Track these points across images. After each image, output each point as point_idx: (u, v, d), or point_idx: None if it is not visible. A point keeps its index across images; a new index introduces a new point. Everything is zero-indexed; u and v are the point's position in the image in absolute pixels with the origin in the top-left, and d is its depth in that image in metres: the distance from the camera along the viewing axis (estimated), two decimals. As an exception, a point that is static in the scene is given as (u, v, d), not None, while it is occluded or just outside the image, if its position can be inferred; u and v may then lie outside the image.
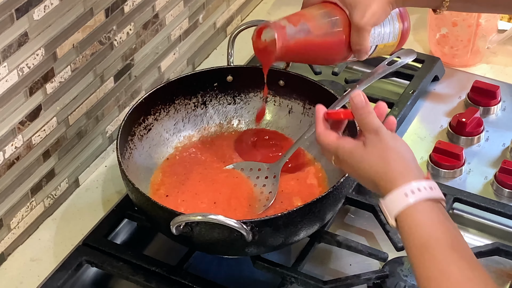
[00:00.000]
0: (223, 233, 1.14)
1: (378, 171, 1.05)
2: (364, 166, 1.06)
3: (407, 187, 1.01)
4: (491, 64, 1.66)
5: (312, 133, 1.31)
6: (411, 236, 0.99)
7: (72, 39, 1.29)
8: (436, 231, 0.98)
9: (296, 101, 1.41)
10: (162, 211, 1.16)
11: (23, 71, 1.21)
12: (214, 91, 1.42)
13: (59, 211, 1.38)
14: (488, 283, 0.94)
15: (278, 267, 1.24)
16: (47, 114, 1.29)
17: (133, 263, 1.25)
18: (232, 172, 1.35)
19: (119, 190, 1.41)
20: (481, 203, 1.34)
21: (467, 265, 0.95)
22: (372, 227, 1.35)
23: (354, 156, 1.08)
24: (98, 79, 1.39)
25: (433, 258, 0.96)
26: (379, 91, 1.59)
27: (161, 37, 1.51)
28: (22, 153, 1.27)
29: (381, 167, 1.04)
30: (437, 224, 0.98)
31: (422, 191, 1.00)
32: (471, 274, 0.94)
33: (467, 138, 1.48)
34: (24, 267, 1.30)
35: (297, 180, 1.33)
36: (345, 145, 1.09)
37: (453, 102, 1.58)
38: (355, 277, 1.23)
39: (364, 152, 1.07)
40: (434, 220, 0.99)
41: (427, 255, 0.96)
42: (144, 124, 1.36)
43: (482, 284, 0.94)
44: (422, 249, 0.97)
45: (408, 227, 0.99)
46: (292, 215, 1.15)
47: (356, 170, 1.08)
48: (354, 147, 1.08)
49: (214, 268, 1.29)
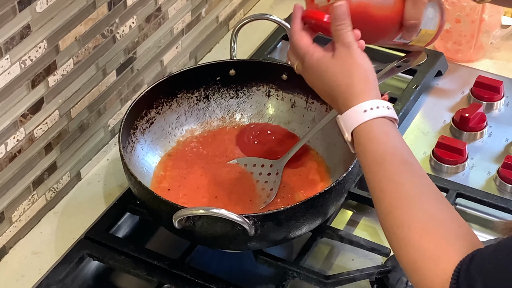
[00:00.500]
0: (225, 227, 1.14)
1: (341, 84, 1.05)
2: (328, 77, 1.07)
3: (367, 104, 1.02)
4: (494, 59, 1.66)
5: (317, 130, 1.31)
6: (367, 150, 1.01)
7: (75, 32, 1.29)
8: (391, 146, 1.00)
9: (299, 96, 1.40)
10: (164, 204, 1.16)
11: (25, 64, 1.21)
12: (216, 85, 1.41)
13: (61, 205, 1.38)
14: (438, 198, 0.96)
15: (280, 261, 1.24)
16: (49, 107, 1.29)
17: (135, 257, 1.25)
18: (234, 167, 1.34)
19: (121, 184, 1.41)
20: (484, 198, 1.33)
21: (418, 180, 0.98)
22: (375, 222, 1.34)
23: (320, 65, 1.08)
24: (101, 72, 1.38)
25: (387, 170, 0.98)
26: (381, 86, 1.55)
27: (163, 31, 1.51)
28: (24, 146, 1.27)
29: (344, 81, 1.05)
30: (393, 140, 1.01)
31: (380, 109, 1.02)
32: (423, 187, 0.97)
33: (470, 133, 1.48)
34: (26, 261, 1.29)
35: (300, 175, 1.33)
36: (314, 52, 1.09)
37: (456, 97, 1.57)
38: (358, 272, 1.22)
39: (330, 63, 1.07)
40: (390, 136, 1.01)
41: (382, 167, 0.99)
42: (147, 117, 1.35)
43: (433, 195, 0.96)
44: (377, 162, 0.99)
45: (364, 141, 1.02)
46: (294, 210, 1.15)
47: (318, 80, 1.08)
48: (322, 56, 1.08)
49: (216, 262, 1.29)
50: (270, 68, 1.40)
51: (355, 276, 1.22)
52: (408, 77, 1.58)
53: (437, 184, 1.33)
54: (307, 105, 1.40)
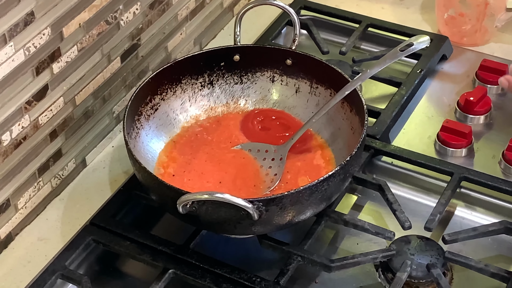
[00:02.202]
0: (229, 212, 1.14)
1: None
2: None
3: None
4: (499, 43, 1.65)
5: (321, 115, 1.31)
6: None
7: (79, 19, 1.29)
8: None
9: (303, 81, 1.40)
10: (169, 190, 1.16)
11: (30, 51, 1.21)
12: (221, 71, 1.41)
13: (67, 191, 1.39)
14: None
15: (284, 246, 1.24)
16: (54, 94, 1.29)
17: (140, 243, 1.26)
18: (239, 153, 1.35)
19: (126, 170, 1.41)
20: (489, 181, 1.33)
21: None
22: (379, 206, 1.35)
23: None
24: (105, 59, 1.38)
25: None
26: (386, 70, 1.56)
27: (168, 17, 1.51)
28: (29, 133, 1.27)
29: None
30: None
31: None
32: None
33: (475, 117, 1.48)
34: (32, 247, 1.30)
35: (304, 161, 1.33)
36: None
37: (461, 81, 1.57)
38: (362, 256, 1.22)
39: None
40: None
41: None
42: (151, 104, 1.36)
43: None
44: None
45: None
46: (299, 194, 1.15)
47: None
48: None
49: (221, 247, 1.29)
50: (274, 53, 1.40)
51: (359, 260, 1.22)
52: (413, 61, 1.57)
53: (442, 168, 1.35)
54: (312, 90, 1.40)
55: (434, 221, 1.26)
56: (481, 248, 1.28)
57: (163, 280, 1.21)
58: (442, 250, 1.23)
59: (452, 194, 1.31)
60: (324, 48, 1.60)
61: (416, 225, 1.27)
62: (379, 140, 1.41)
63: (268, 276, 1.21)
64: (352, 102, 1.32)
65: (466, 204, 1.35)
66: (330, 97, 1.35)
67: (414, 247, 1.24)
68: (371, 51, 1.64)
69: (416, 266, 1.21)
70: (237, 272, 1.21)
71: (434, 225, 1.26)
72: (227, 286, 1.20)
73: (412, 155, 1.38)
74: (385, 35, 1.64)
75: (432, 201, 1.33)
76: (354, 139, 1.27)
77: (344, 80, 1.32)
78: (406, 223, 1.26)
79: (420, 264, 1.22)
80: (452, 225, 1.32)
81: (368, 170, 1.40)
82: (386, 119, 1.44)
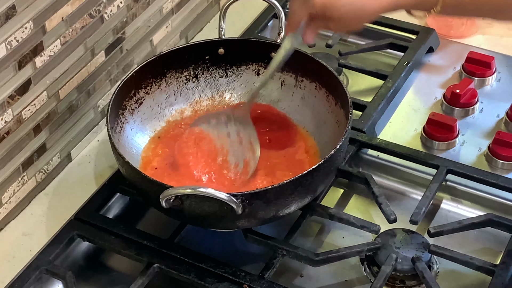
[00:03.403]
0: (213, 206, 1.14)
1: None
2: None
3: None
4: (486, 35, 1.65)
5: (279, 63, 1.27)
6: None
7: (61, 12, 1.28)
8: None
9: (288, 74, 1.40)
10: (152, 184, 1.15)
11: (11, 45, 1.20)
12: (205, 64, 1.41)
13: (51, 186, 1.38)
14: None
15: (269, 240, 1.23)
16: (37, 88, 1.29)
17: (124, 237, 1.25)
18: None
19: (112, 164, 1.40)
20: (475, 174, 1.33)
21: None
22: (365, 200, 1.34)
23: None
24: (89, 52, 1.38)
25: None
26: (373, 63, 1.58)
27: (152, 10, 1.50)
28: (12, 128, 1.26)
29: None
30: None
31: None
32: None
33: (461, 109, 1.47)
34: (16, 242, 1.29)
35: (288, 155, 1.32)
36: None
37: (447, 74, 1.56)
38: (347, 249, 1.22)
39: None
40: None
41: None
42: (135, 98, 1.35)
43: None
44: None
45: None
46: (282, 188, 1.15)
47: None
48: None
49: (206, 242, 1.29)
50: (259, 47, 1.40)
51: (344, 253, 1.22)
52: (400, 54, 1.57)
53: (428, 161, 1.34)
54: (297, 84, 1.39)
55: (419, 214, 1.26)
56: (467, 241, 1.28)
57: (148, 274, 1.20)
58: (427, 244, 1.23)
59: (438, 187, 1.31)
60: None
61: (401, 218, 1.26)
62: (365, 133, 1.41)
63: (253, 270, 1.21)
64: (337, 95, 1.31)
65: (452, 197, 1.35)
66: (316, 90, 1.35)
67: (400, 241, 1.23)
68: (357, 43, 1.63)
69: (401, 260, 1.21)
70: (222, 266, 1.21)
71: (419, 218, 1.26)
72: (211, 280, 1.19)
73: (398, 148, 1.38)
74: (372, 28, 1.63)
75: (418, 194, 1.33)
76: (340, 132, 1.27)
77: (329, 73, 1.32)
78: (391, 216, 1.25)
79: (405, 257, 1.21)
80: (438, 218, 1.32)
81: (354, 164, 1.39)
82: (372, 112, 1.44)
